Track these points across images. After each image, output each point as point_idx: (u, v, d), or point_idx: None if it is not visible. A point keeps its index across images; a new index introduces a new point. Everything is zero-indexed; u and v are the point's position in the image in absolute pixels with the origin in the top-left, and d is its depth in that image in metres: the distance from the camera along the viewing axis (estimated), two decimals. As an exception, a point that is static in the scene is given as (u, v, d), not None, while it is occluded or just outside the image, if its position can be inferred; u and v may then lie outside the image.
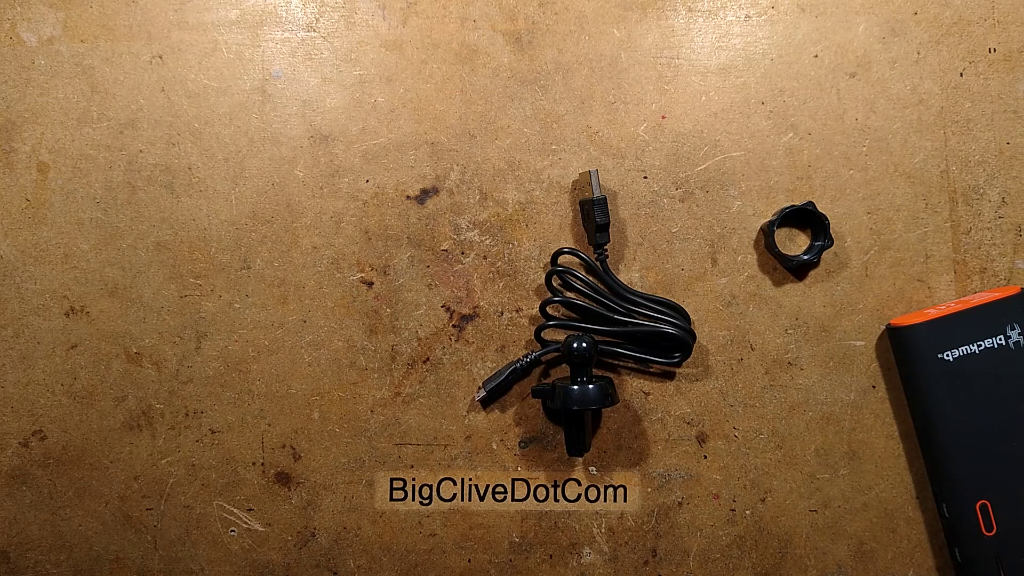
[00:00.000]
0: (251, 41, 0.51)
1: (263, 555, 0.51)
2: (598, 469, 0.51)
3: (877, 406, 0.51)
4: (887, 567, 0.50)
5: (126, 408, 0.51)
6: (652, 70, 0.51)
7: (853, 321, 0.51)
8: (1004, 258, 0.51)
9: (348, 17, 0.52)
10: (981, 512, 0.47)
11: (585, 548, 0.51)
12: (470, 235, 0.51)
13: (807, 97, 0.51)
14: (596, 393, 0.46)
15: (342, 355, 0.51)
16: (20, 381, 0.51)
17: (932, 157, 0.51)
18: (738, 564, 0.50)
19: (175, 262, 0.51)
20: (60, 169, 0.51)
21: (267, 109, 0.51)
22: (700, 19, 0.51)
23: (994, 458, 0.47)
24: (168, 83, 0.51)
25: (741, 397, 0.51)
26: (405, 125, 0.51)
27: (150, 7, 0.51)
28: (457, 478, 0.51)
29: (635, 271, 0.51)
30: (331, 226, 0.51)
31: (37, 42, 0.51)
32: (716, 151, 0.51)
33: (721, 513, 0.51)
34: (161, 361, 0.51)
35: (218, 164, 0.51)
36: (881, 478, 0.50)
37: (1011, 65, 0.51)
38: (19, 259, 0.51)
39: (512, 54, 0.51)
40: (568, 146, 0.51)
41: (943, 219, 0.51)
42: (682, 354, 0.49)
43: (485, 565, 0.51)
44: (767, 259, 0.51)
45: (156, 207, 0.51)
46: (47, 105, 0.51)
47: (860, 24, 0.51)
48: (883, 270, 0.51)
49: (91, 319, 0.51)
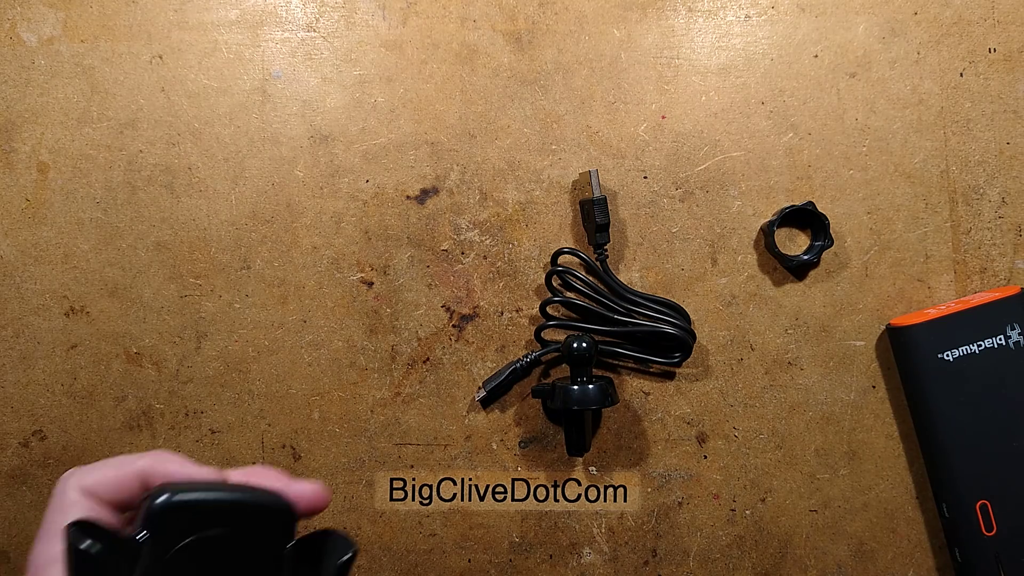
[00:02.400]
0: (251, 41, 0.51)
1: (263, 555, 0.51)
2: (598, 469, 0.51)
3: (877, 406, 0.51)
4: (887, 567, 0.50)
5: (126, 408, 0.51)
6: (652, 70, 0.51)
7: (853, 321, 0.51)
8: (1004, 258, 0.51)
9: (348, 17, 0.52)
10: (981, 512, 0.47)
11: (585, 548, 0.51)
12: (470, 235, 0.51)
13: (807, 97, 0.51)
14: (596, 393, 0.46)
15: (342, 355, 0.51)
16: (20, 381, 0.51)
17: (932, 157, 0.51)
18: (738, 564, 0.50)
19: (175, 262, 0.51)
20: (60, 169, 0.51)
21: (267, 109, 0.51)
22: (700, 19, 0.51)
23: (994, 458, 0.47)
24: (168, 83, 0.51)
25: (741, 397, 0.51)
26: (405, 125, 0.51)
27: (150, 7, 0.51)
28: (457, 478, 0.51)
29: (635, 271, 0.51)
30: (331, 226, 0.51)
31: (37, 42, 0.51)
32: (716, 151, 0.51)
33: (721, 513, 0.51)
34: (161, 361, 0.51)
35: (218, 164, 0.51)
36: (881, 478, 0.50)
37: (1011, 65, 0.51)
38: (19, 259, 0.51)
39: (512, 54, 0.51)
40: (568, 146, 0.51)
41: (943, 219, 0.51)
42: (682, 354, 0.49)
43: (485, 565, 0.51)
44: (767, 259, 0.51)
45: (156, 207, 0.51)
46: (47, 105, 0.51)
47: (860, 24, 0.51)
48: (883, 270, 0.51)
49: (91, 319, 0.51)
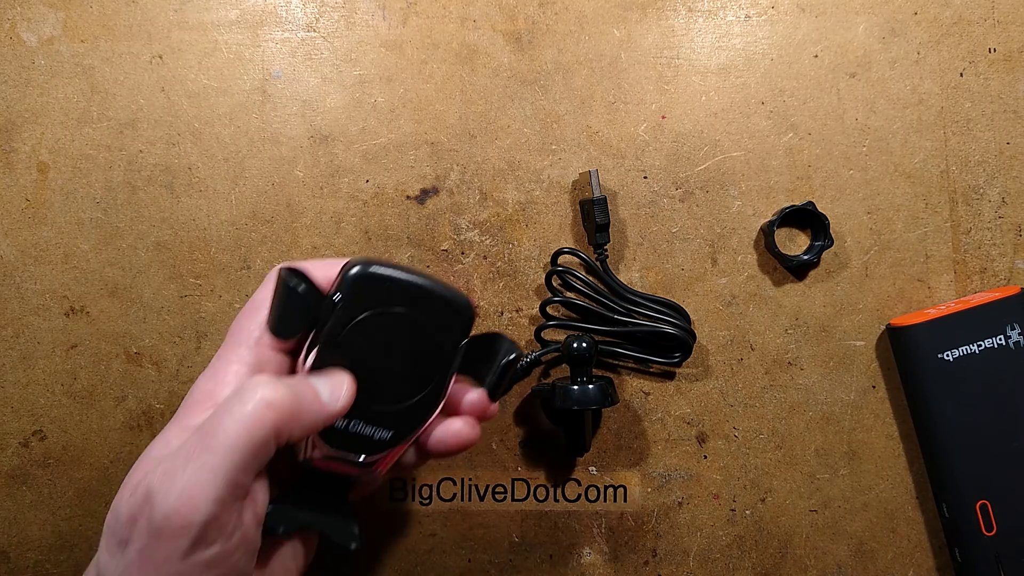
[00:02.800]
0: (251, 41, 0.51)
1: (263, 555, 0.51)
2: (598, 469, 0.51)
3: (877, 406, 0.51)
4: (887, 567, 0.50)
5: (126, 408, 0.51)
6: (652, 70, 0.51)
7: (853, 321, 0.51)
8: (1004, 258, 0.51)
9: (348, 17, 0.52)
10: (981, 512, 0.47)
11: (585, 548, 0.51)
12: (470, 235, 0.51)
13: (807, 97, 0.51)
14: (596, 393, 0.46)
15: (342, 355, 0.51)
16: (20, 381, 0.51)
17: (932, 157, 0.51)
18: (738, 564, 0.50)
19: (175, 262, 0.51)
20: (60, 169, 0.51)
21: (267, 109, 0.51)
22: (700, 19, 0.51)
23: (994, 458, 0.47)
24: (168, 83, 0.51)
25: (741, 397, 0.51)
26: (405, 125, 0.51)
27: (150, 7, 0.51)
28: (457, 478, 0.51)
29: (635, 271, 0.51)
30: (331, 226, 0.51)
31: (37, 42, 0.51)
32: (716, 151, 0.51)
33: (721, 513, 0.51)
34: (161, 361, 0.51)
35: (218, 164, 0.51)
36: (881, 478, 0.50)
37: (1011, 65, 0.51)
38: (19, 259, 0.51)
39: (512, 54, 0.51)
40: (568, 146, 0.51)
41: (943, 219, 0.51)
42: (682, 354, 0.49)
43: (485, 565, 0.51)
44: (767, 259, 0.51)
45: (156, 207, 0.51)
46: (47, 105, 0.51)
47: (860, 24, 0.51)
48: (883, 270, 0.51)
49: (91, 319, 0.51)
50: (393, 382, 0.36)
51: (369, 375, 0.35)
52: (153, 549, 0.29)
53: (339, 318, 0.35)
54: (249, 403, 0.30)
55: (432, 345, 0.37)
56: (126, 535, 0.30)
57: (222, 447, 0.30)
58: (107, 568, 0.31)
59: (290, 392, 0.32)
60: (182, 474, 0.29)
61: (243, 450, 0.30)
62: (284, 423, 0.31)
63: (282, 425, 0.31)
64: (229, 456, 0.30)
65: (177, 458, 0.30)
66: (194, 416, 0.33)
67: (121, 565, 0.30)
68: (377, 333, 0.36)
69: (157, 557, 0.29)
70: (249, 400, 0.31)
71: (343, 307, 0.35)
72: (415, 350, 0.36)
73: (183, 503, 0.29)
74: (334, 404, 0.34)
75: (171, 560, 0.29)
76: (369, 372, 0.35)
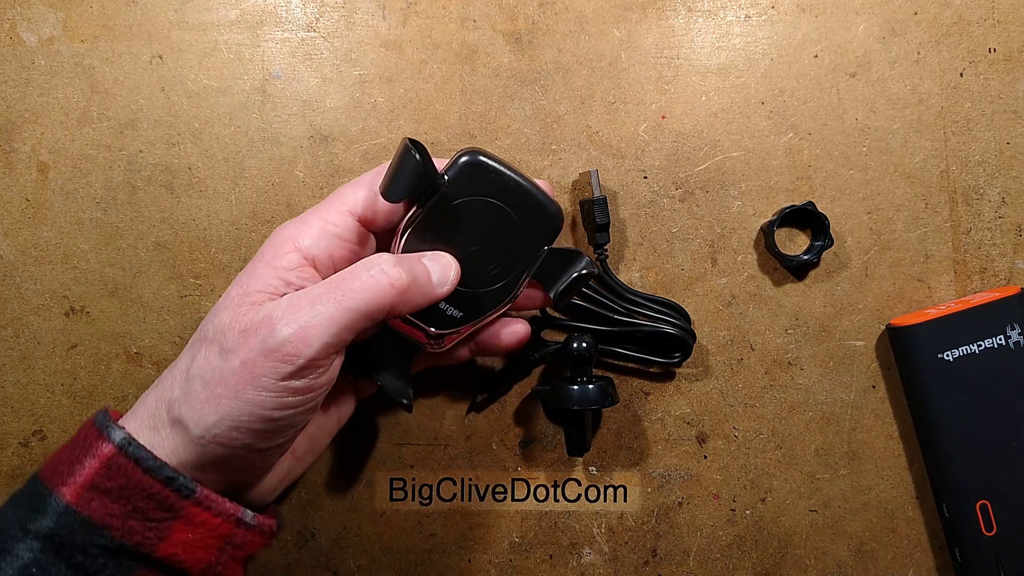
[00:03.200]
0: (251, 41, 0.51)
1: (263, 555, 0.51)
2: (598, 469, 0.51)
3: (877, 406, 0.51)
4: (887, 567, 0.50)
5: (126, 408, 0.51)
6: (652, 70, 0.51)
7: (853, 321, 0.51)
8: (1004, 258, 0.51)
9: (348, 17, 0.52)
10: (981, 512, 0.47)
11: (585, 548, 0.51)
12: (470, 235, 0.51)
13: (807, 97, 0.51)
14: (596, 393, 0.46)
15: (342, 355, 0.51)
16: (20, 381, 0.51)
17: (932, 157, 0.51)
18: (738, 564, 0.50)
19: (175, 262, 0.51)
20: (60, 169, 0.51)
21: (267, 109, 0.51)
22: (700, 19, 0.51)
23: (994, 458, 0.47)
24: (168, 83, 0.51)
25: (741, 397, 0.51)
26: (405, 125, 0.51)
27: (150, 7, 0.51)
28: (457, 478, 0.51)
29: (635, 271, 0.51)
30: (331, 226, 0.51)
31: (37, 42, 0.51)
32: (716, 151, 0.51)
33: (721, 513, 0.51)
34: (161, 361, 0.51)
35: (218, 164, 0.51)
36: (881, 478, 0.50)
37: (1011, 65, 0.51)
38: (19, 259, 0.51)
39: (512, 54, 0.51)
40: (568, 146, 0.51)
41: (943, 219, 0.51)
42: (682, 354, 0.49)
43: (485, 565, 0.51)
44: (767, 259, 0.51)
45: (156, 207, 0.51)
46: (47, 105, 0.51)
47: (860, 24, 0.51)
48: (883, 270, 0.51)
49: (91, 319, 0.51)
50: (475, 268, 0.40)
51: (458, 257, 0.40)
52: (257, 365, 0.34)
53: (444, 197, 0.39)
54: (377, 276, 0.35)
55: (518, 242, 0.41)
56: (233, 345, 0.35)
57: (343, 304, 0.35)
58: (202, 370, 0.35)
59: (409, 275, 0.37)
60: (305, 312, 0.34)
61: (359, 313, 0.35)
62: (399, 300, 0.36)
63: (398, 302, 0.36)
64: (347, 315, 0.34)
65: (303, 298, 0.35)
66: (275, 256, 0.38)
67: (220, 369, 0.35)
68: (474, 220, 0.39)
69: (257, 371, 0.34)
70: (379, 274, 0.36)
71: (450, 187, 0.39)
72: (502, 243, 0.40)
73: (298, 337, 0.34)
74: (441, 287, 0.39)
75: (268, 377, 0.34)
76: (458, 255, 0.40)
